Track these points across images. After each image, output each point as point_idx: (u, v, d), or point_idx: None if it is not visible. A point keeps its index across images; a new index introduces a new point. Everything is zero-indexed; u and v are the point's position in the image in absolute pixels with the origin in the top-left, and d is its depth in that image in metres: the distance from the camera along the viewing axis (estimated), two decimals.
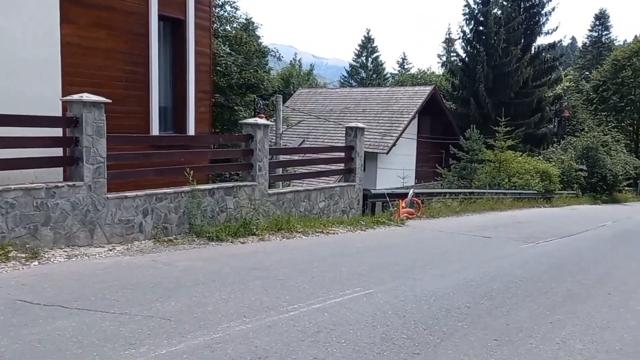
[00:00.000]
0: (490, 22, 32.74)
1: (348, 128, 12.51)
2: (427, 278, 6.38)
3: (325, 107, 32.75)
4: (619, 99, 40.08)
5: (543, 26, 34.60)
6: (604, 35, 57.83)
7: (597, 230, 13.88)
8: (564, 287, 6.46)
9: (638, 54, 40.99)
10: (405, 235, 10.54)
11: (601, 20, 58.36)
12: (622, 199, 31.28)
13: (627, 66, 40.25)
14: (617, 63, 40.86)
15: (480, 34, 33.86)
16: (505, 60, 32.46)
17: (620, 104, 40.10)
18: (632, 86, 39.82)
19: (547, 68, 34.55)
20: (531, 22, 34.48)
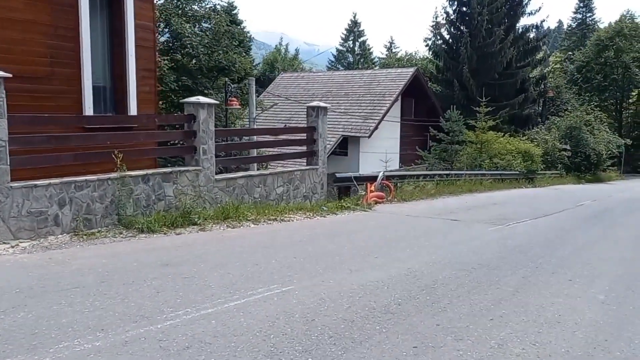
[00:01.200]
0: (473, 2, 31.58)
1: (309, 108, 11.56)
2: (366, 269, 5.51)
3: (308, 92, 31.68)
4: (602, 78, 39.17)
5: (526, 6, 33.46)
6: (588, 17, 56.62)
7: (574, 210, 13.07)
8: (520, 274, 5.61)
9: (620, 34, 40.02)
10: (366, 220, 9.66)
11: (585, 2, 57.05)
12: (606, 177, 30.54)
13: (610, 46, 39.30)
14: (600, 43, 39.91)
15: (463, 15, 32.73)
16: (489, 41, 31.39)
17: (604, 83, 39.20)
18: (615, 66, 38.93)
19: (530, 48, 33.49)
20: (514, 3, 33.31)
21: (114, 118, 9.11)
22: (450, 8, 32.94)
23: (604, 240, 8.42)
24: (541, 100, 33.92)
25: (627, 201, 16.84)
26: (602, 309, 4.48)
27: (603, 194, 19.53)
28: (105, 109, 9.53)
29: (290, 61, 45.30)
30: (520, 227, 9.32)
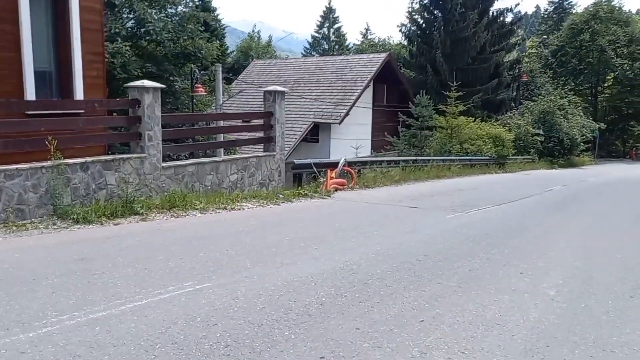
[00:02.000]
0: None
1: (266, 92, 11.01)
2: (300, 262, 5.05)
3: (280, 78, 30.93)
4: (577, 62, 39.18)
5: None
6: (565, 1, 56.63)
7: (542, 196, 12.81)
8: (468, 266, 5.21)
9: (596, 16, 39.99)
10: (321, 208, 9.20)
11: None
12: (579, 162, 30.64)
13: (586, 30, 39.25)
14: (576, 27, 39.83)
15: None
16: (463, 25, 31.01)
17: (579, 67, 39.22)
18: (590, 49, 38.90)
19: (505, 32, 33.22)
20: None
21: (47, 103, 8.43)
22: None
23: (565, 227, 8.10)
24: (515, 85, 33.79)
25: (597, 186, 16.71)
26: (551, 307, 4.09)
27: (574, 179, 19.43)
28: (50, 94, 8.87)
29: (263, 48, 44.37)
30: (480, 215, 8.97)
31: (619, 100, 41.49)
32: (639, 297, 4.43)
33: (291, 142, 26.41)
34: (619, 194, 14.18)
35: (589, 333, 3.56)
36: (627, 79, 39.83)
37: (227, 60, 41.10)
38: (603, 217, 9.54)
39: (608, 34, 39.10)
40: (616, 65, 38.91)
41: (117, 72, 14.97)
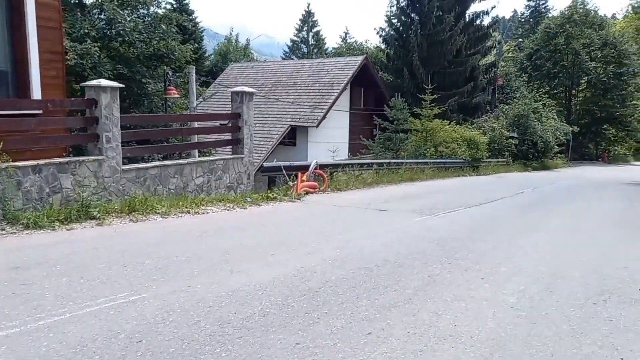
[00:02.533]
0: None
1: (233, 93, 10.68)
2: (253, 269, 4.75)
3: (257, 82, 30.60)
4: (552, 65, 39.60)
5: None
6: (541, 5, 57.43)
7: (513, 198, 12.72)
8: (428, 271, 4.98)
9: (570, 20, 40.46)
10: (288, 212, 8.92)
11: None
12: (553, 165, 30.91)
13: (560, 33, 39.71)
14: (550, 31, 40.27)
15: (414, 2, 32.27)
16: (439, 28, 31.09)
17: (553, 70, 39.65)
18: (565, 53, 39.37)
19: (480, 36, 33.40)
20: None
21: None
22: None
23: (534, 230, 7.95)
24: (491, 88, 33.98)
25: (568, 188, 16.76)
26: (509, 316, 3.87)
27: (546, 181, 19.49)
28: (7, 94, 8.41)
29: (241, 51, 43.91)
30: (449, 217, 8.79)
31: (592, 104, 42.08)
32: (602, 305, 4.25)
33: (268, 145, 26.11)
34: (589, 197, 14.20)
35: (547, 345, 3.34)
36: (600, 83, 40.43)
37: (205, 63, 40.66)
38: (571, 219, 9.44)
39: (582, 37, 39.60)
40: (590, 69, 39.45)
41: (87, 74, 14.49)
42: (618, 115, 41.79)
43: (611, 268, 5.48)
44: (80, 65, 14.13)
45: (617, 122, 42.62)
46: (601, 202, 12.84)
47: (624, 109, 41.70)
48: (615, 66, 39.85)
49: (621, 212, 10.91)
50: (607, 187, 17.94)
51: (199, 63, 39.63)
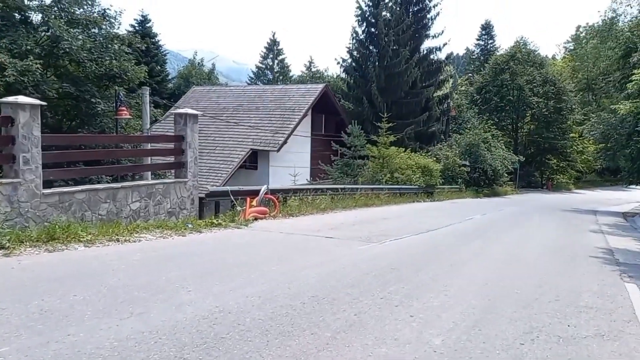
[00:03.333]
0: (380, 24, 31.49)
1: (177, 115, 9.98)
2: (156, 310, 4.01)
3: (219, 105, 29.90)
4: (499, 99, 40.59)
5: (429, 29, 33.93)
6: (490, 44, 59.41)
7: (461, 224, 12.37)
8: (356, 308, 4.36)
9: (514, 58, 41.79)
10: (230, 239, 8.20)
11: (487, 30, 59.90)
12: (503, 192, 31.23)
13: (506, 70, 40.91)
14: (497, 67, 41.46)
15: (372, 35, 32.54)
16: (396, 61, 31.34)
17: (500, 104, 40.63)
18: (510, 87, 40.49)
19: (434, 69, 33.91)
20: (419, 26, 33.64)
21: None
22: (359, 28, 32.68)
23: (475, 259, 7.50)
24: (445, 118, 34.38)
25: (514, 214, 16.65)
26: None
27: (495, 207, 19.43)
28: None
29: (206, 75, 43.16)
30: (395, 245, 8.27)
31: (536, 135, 43.27)
32: (529, 344, 3.75)
33: (229, 169, 25.28)
34: (532, 223, 14.06)
35: None
36: (542, 116, 41.69)
37: (167, 86, 39.70)
38: (514, 246, 9.10)
39: (525, 74, 40.91)
40: (533, 103, 40.66)
41: (28, 92, 13.49)
42: (559, 146, 43.17)
43: (543, 301, 5.05)
44: (21, 82, 13.12)
45: (558, 153, 44.01)
46: (542, 228, 12.65)
47: (564, 141, 43.15)
48: (555, 101, 41.30)
49: (559, 240, 10.68)
50: (549, 213, 17.97)
51: (161, 85, 38.67)
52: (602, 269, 7.23)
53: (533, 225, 13.53)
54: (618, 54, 20.54)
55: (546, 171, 45.87)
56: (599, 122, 23.22)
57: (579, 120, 43.56)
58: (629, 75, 15.90)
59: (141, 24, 38.54)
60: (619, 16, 30.13)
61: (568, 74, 45.28)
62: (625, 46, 19.52)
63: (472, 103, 41.64)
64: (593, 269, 7.19)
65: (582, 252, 8.76)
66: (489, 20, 62.47)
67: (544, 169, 45.55)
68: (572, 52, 53.68)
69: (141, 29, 38.34)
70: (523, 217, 15.75)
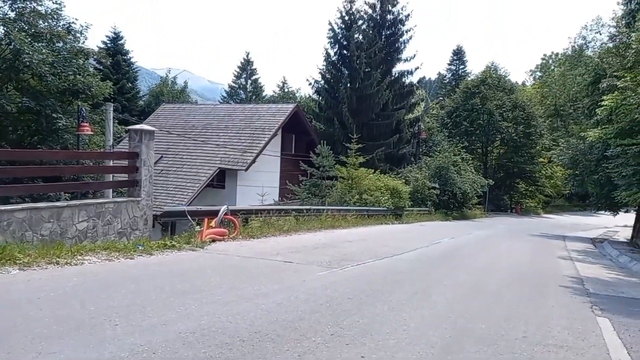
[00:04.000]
0: (352, 46, 31.70)
1: (132, 131, 9.47)
2: (68, 351, 3.50)
3: (188, 123, 29.32)
4: (469, 123, 41.21)
5: (401, 53, 34.38)
6: (461, 69, 60.78)
7: (428, 248, 12.11)
8: (300, 349, 3.93)
9: (484, 82, 42.66)
10: (180, 263, 7.67)
11: (458, 55, 61.34)
12: (472, 215, 31.40)
13: (476, 94, 41.69)
14: (468, 91, 42.22)
15: (344, 57, 32.72)
16: (367, 83, 31.52)
17: (471, 128, 41.24)
18: (481, 112, 41.18)
19: (406, 92, 34.26)
20: (391, 49, 34.09)
21: None
22: (331, 50, 32.85)
23: (440, 287, 7.17)
24: (415, 141, 34.61)
25: (482, 239, 16.55)
26: None
27: (464, 231, 19.34)
28: None
29: (177, 94, 42.54)
30: (356, 271, 7.89)
31: (506, 160, 44.01)
32: None
33: (195, 187, 24.61)
34: (499, 248, 13.93)
35: None
36: (512, 141, 42.47)
37: (138, 103, 38.93)
38: (481, 273, 8.84)
39: (495, 99, 41.78)
40: (503, 128, 41.42)
41: None
42: (528, 171, 43.97)
43: (510, 338, 4.69)
44: None
45: (527, 177, 44.80)
46: (511, 254, 12.51)
47: (532, 165, 43.98)
48: (524, 126, 42.17)
49: (528, 266, 10.51)
50: (518, 238, 17.96)
51: (131, 103, 37.89)
52: (572, 300, 6.99)
53: (501, 250, 13.40)
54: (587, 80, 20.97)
55: (515, 195, 46.60)
56: (567, 148, 23.62)
57: (548, 146, 44.63)
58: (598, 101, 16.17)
59: (113, 41, 37.86)
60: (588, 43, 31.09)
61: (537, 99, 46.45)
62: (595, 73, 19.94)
63: (442, 126, 42.19)
64: (563, 300, 6.95)
65: (552, 281, 8.56)
66: (461, 45, 63.86)
67: (513, 193, 46.26)
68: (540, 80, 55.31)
69: (113, 45, 37.67)
70: (491, 242, 15.65)
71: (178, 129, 28.47)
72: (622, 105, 13.57)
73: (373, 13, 34.36)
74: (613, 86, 15.14)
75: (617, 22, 20.75)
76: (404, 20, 34.48)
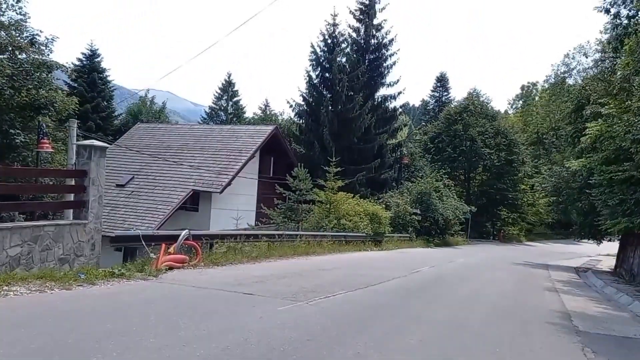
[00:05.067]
0: (334, 69, 31.45)
1: (80, 146, 8.66)
2: None
3: (163, 143, 28.41)
4: (452, 150, 41.07)
5: (385, 77, 34.26)
6: (444, 96, 61.18)
7: (406, 278, 11.36)
8: None
9: (467, 109, 42.80)
10: (123, 295, 6.82)
11: (442, 82, 61.85)
12: (454, 242, 30.84)
13: (459, 120, 41.69)
14: (450, 117, 42.24)
15: (326, 80, 32.41)
16: (349, 106, 31.19)
17: (453, 154, 41.08)
18: (463, 138, 41.11)
19: (389, 117, 34.02)
20: (375, 73, 33.97)
21: None
22: (313, 72, 32.52)
23: (416, 324, 6.41)
24: (397, 166, 34.20)
25: (464, 268, 15.87)
26: None
27: (444, 259, 18.67)
28: None
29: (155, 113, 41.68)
30: (324, 305, 7.09)
31: (488, 187, 43.83)
32: None
33: (167, 210, 23.56)
34: (481, 278, 13.22)
35: None
36: (494, 167, 42.42)
37: (114, 122, 37.95)
38: (461, 307, 8.11)
39: (478, 125, 41.86)
40: (485, 155, 41.36)
41: None
42: (511, 198, 43.77)
43: None
44: None
45: (510, 204, 44.56)
46: (493, 285, 11.81)
47: (515, 192, 43.84)
48: (506, 153, 42.21)
49: (512, 299, 9.82)
50: (500, 267, 17.33)
51: (106, 122, 36.87)
52: (560, 340, 6.29)
53: (484, 280, 12.71)
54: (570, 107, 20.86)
55: (497, 222, 46.30)
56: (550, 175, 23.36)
57: (530, 173, 44.64)
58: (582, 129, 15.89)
59: (89, 58, 37.07)
60: (571, 70, 31.17)
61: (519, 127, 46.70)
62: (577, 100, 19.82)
63: (425, 152, 42.00)
64: (551, 340, 6.23)
65: (537, 317, 7.86)
66: (445, 72, 64.44)
67: (495, 220, 45.95)
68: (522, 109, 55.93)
69: (89, 63, 36.87)
70: (473, 271, 14.97)
71: (152, 149, 27.55)
72: (607, 132, 13.23)
73: (357, 37, 34.33)
74: (597, 113, 14.87)
75: (603, 46, 20.77)
76: (387, 45, 34.51)
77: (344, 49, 33.03)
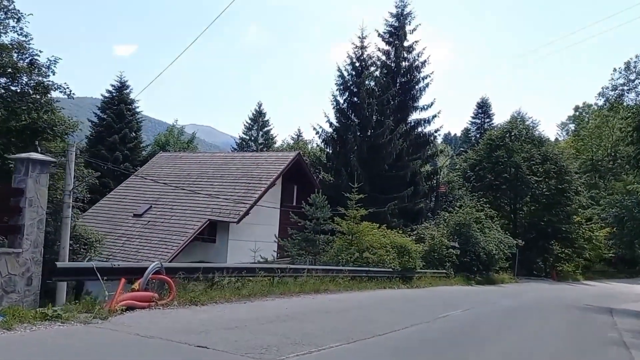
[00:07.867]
0: (363, 93, 29.96)
1: (17, 161, 7.33)
2: None
3: (183, 172, 27.54)
4: (494, 177, 38.14)
5: (418, 101, 32.45)
6: (487, 122, 58.33)
7: (427, 325, 9.28)
8: None
9: (510, 132, 39.94)
10: (34, 348, 5.26)
11: (483, 108, 59.20)
12: (499, 280, 27.87)
13: (501, 146, 38.88)
14: (492, 143, 39.46)
15: (354, 104, 30.94)
16: (379, 131, 29.48)
17: (496, 182, 38.10)
18: (507, 165, 38.14)
19: (422, 142, 32.01)
20: (407, 97, 32.27)
21: None
22: (340, 97, 31.12)
23: None
24: (433, 195, 31.83)
25: (506, 312, 13.41)
26: None
27: (485, 299, 16.23)
28: None
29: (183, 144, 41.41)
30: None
31: (537, 218, 40.25)
32: None
33: (181, 241, 22.30)
34: (529, 328, 10.76)
35: None
36: (543, 197, 38.99)
37: (141, 153, 37.83)
38: None
39: (522, 151, 38.88)
40: (532, 183, 38.15)
41: None
42: (564, 231, 39.83)
43: None
44: None
45: (563, 238, 40.55)
46: (541, 338, 9.44)
47: (569, 225, 39.85)
48: (556, 181, 38.75)
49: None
50: (553, 311, 14.69)
51: (133, 152, 36.76)
52: None
53: (529, 330, 10.31)
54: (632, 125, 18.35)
55: (550, 258, 42.22)
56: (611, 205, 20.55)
57: (586, 204, 40.77)
58: None
59: (118, 90, 37.44)
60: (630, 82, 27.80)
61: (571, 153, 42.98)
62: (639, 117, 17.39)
63: (465, 179, 39.25)
64: None
65: None
66: (486, 97, 61.59)
67: (547, 256, 41.87)
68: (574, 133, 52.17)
69: (117, 94, 37.21)
70: (517, 317, 12.53)
71: (172, 178, 26.66)
72: None
73: (387, 59, 32.93)
74: None
75: None
76: (420, 67, 32.89)
77: (372, 72, 31.59)
